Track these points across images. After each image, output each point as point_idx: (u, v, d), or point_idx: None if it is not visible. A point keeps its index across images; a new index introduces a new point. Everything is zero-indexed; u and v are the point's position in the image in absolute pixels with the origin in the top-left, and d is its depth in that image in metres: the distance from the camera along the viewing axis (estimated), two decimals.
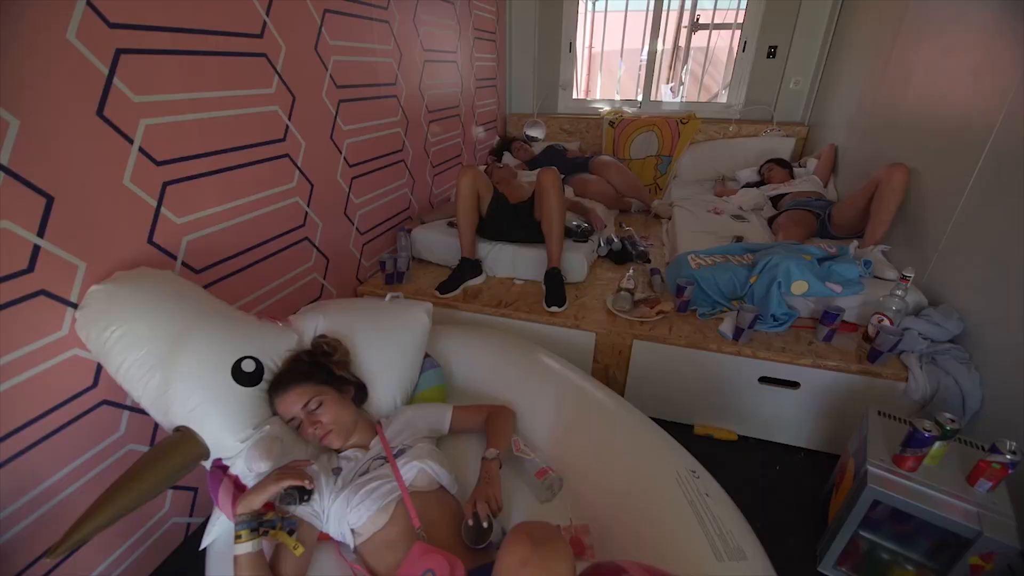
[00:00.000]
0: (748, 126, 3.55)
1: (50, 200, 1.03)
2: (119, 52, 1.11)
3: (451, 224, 2.42)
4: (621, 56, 4.15)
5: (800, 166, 3.11)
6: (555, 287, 2.02)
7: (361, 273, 2.26)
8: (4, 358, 1.01)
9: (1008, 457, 1.12)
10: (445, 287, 2.14)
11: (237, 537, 0.94)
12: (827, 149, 2.93)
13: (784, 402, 1.78)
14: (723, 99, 3.82)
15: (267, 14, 1.50)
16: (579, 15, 3.84)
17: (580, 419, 1.36)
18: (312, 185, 1.82)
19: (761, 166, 3.15)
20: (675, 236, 2.57)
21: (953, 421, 1.21)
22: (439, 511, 1.08)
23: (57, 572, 1.16)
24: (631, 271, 2.14)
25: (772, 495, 1.67)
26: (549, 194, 2.00)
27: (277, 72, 1.57)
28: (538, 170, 2.17)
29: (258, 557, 0.95)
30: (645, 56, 3.72)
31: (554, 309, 1.98)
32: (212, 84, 1.36)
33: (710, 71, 4.17)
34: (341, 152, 1.97)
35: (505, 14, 3.67)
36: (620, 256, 2.48)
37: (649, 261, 2.46)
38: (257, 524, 0.96)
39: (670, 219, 2.92)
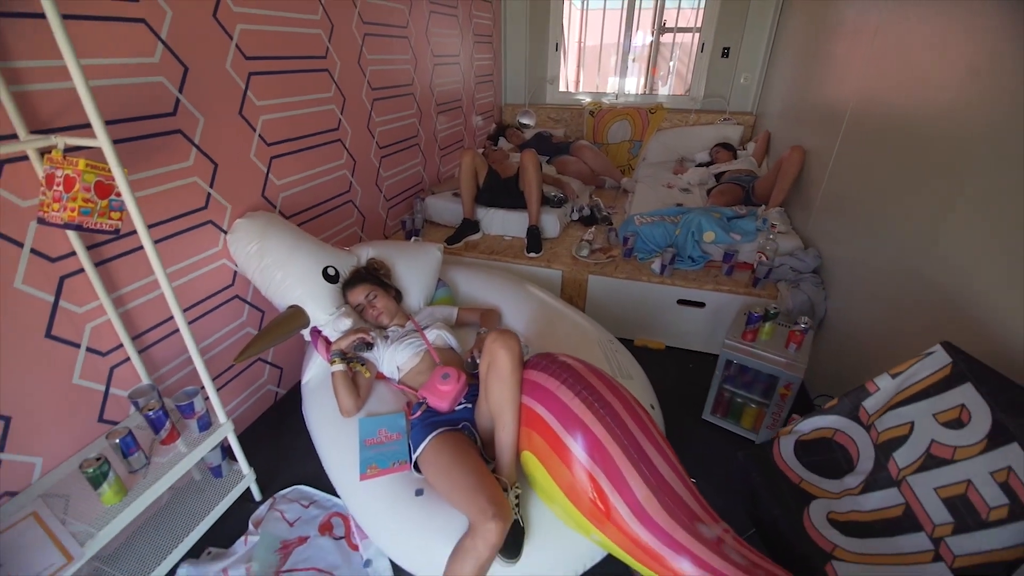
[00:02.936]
0: (706, 115, 4.20)
1: (216, 165, 1.71)
2: (251, 74, 1.79)
3: (455, 194, 3.10)
4: (600, 51, 4.76)
5: (743, 149, 3.76)
6: (533, 239, 2.70)
7: (387, 231, 2.94)
8: (188, 261, 1.69)
9: (802, 326, 1.81)
10: (451, 241, 2.82)
11: (332, 362, 1.64)
12: (763, 135, 3.59)
13: (695, 318, 2.46)
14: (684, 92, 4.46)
15: (329, 40, 2.17)
16: (571, 14, 4.43)
17: (543, 315, 2.04)
18: (355, 162, 2.50)
19: (711, 149, 3.80)
20: (632, 204, 3.25)
21: (775, 308, 1.89)
22: (450, 357, 1.77)
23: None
24: (593, 229, 2.81)
25: (685, 383, 2.35)
26: (528, 170, 2.68)
27: (335, 81, 2.25)
28: (521, 151, 2.85)
29: (345, 374, 1.64)
30: (622, 51, 4.36)
31: (532, 255, 2.67)
32: (296, 91, 2.04)
33: (684, 61, 4.77)
34: (374, 138, 2.65)
35: (500, 19, 4.31)
36: (589, 220, 3.15)
37: (612, 224, 3.12)
38: (342, 357, 1.66)
39: (634, 192, 3.58)
